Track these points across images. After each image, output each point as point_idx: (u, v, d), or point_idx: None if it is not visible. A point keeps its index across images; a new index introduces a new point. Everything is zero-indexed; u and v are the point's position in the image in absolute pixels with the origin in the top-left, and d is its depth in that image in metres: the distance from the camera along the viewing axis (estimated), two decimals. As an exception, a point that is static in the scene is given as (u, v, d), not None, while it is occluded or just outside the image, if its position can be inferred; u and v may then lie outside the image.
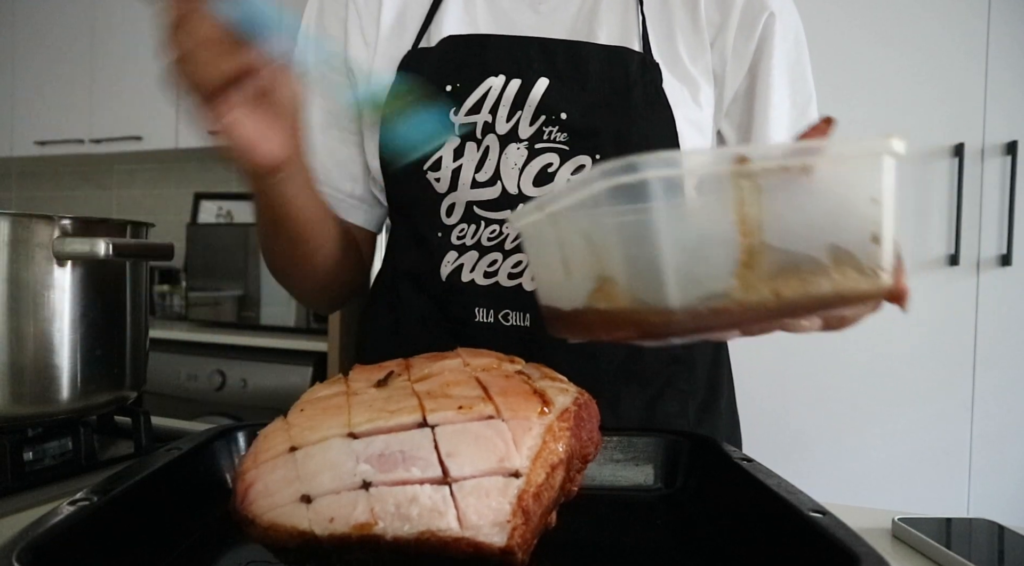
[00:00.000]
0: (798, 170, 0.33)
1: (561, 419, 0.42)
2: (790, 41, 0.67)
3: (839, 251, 0.34)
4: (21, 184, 3.38)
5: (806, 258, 0.34)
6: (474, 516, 0.35)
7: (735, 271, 0.33)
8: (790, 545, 0.39)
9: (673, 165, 0.32)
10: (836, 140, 0.35)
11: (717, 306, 0.33)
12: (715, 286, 0.33)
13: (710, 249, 0.33)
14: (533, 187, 0.63)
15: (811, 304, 0.34)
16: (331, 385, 0.49)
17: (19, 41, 2.85)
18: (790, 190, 0.33)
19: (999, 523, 0.53)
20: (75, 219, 0.62)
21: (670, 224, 0.32)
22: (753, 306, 0.33)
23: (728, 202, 0.33)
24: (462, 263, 0.65)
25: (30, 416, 0.62)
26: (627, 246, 0.34)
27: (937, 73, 1.54)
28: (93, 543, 0.38)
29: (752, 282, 0.33)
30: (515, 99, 0.62)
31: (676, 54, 0.65)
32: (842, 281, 0.34)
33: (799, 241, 0.34)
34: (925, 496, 1.54)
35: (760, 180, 0.33)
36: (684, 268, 0.33)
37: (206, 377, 2.12)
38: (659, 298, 0.33)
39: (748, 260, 0.33)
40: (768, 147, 0.35)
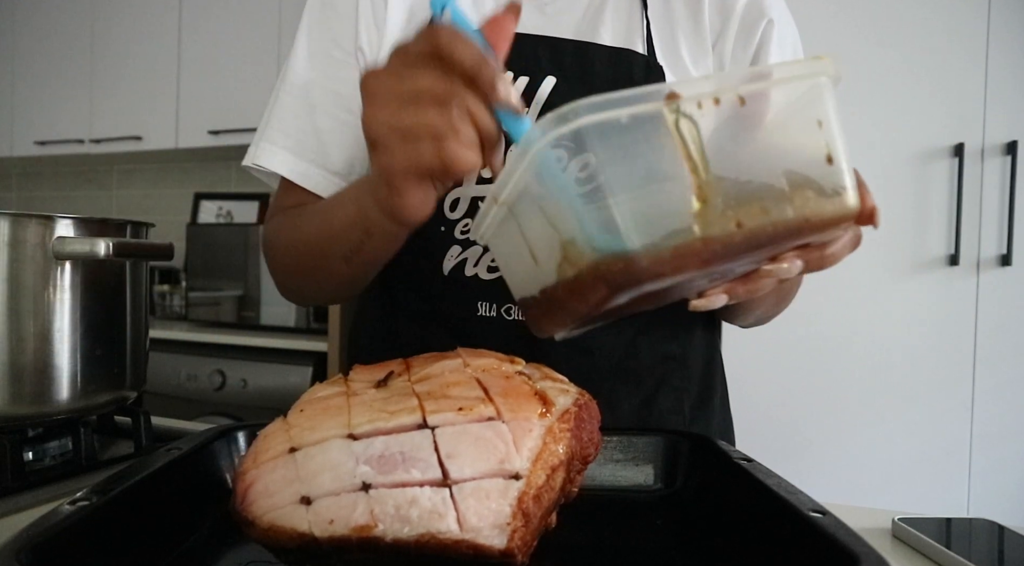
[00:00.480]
0: (733, 101, 0.33)
1: (562, 420, 0.42)
2: (787, 48, 0.68)
3: (795, 176, 0.34)
4: (21, 184, 3.38)
5: (763, 186, 0.34)
6: (474, 518, 0.35)
7: (692, 208, 0.33)
8: (790, 545, 0.39)
9: (605, 108, 0.32)
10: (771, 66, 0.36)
11: (680, 244, 0.32)
12: (673, 223, 0.32)
13: (660, 188, 0.33)
14: None
15: (778, 233, 0.34)
16: (331, 385, 0.49)
17: (19, 41, 2.85)
18: (731, 122, 0.33)
19: (999, 523, 0.53)
20: (75, 219, 0.62)
21: (614, 169, 0.32)
22: (717, 240, 0.33)
23: (666, 139, 0.32)
24: (466, 258, 0.65)
25: (30, 416, 0.62)
26: (576, 201, 0.33)
27: (937, 73, 1.54)
28: (93, 543, 0.38)
29: (711, 216, 0.33)
30: (523, 96, 0.62)
31: (679, 56, 0.66)
32: (804, 204, 0.34)
33: (751, 171, 0.33)
34: (925, 496, 1.54)
35: (695, 114, 0.32)
36: (637, 209, 0.32)
37: (206, 377, 2.12)
38: (618, 244, 0.32)
39: (702, 195, 0.33)
40: (698, 80, 0.35)
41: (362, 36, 0.68)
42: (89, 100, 2.72)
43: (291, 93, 0.70)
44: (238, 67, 2.46)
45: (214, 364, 2.12)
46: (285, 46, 2.39)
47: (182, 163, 2.95)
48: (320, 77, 0.69)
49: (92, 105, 2.72)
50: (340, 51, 0.69)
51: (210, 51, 2.52)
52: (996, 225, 1.51)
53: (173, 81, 2.58)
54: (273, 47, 2.41)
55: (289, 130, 0.69)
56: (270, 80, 2.40)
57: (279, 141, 0.69)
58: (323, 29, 0.69)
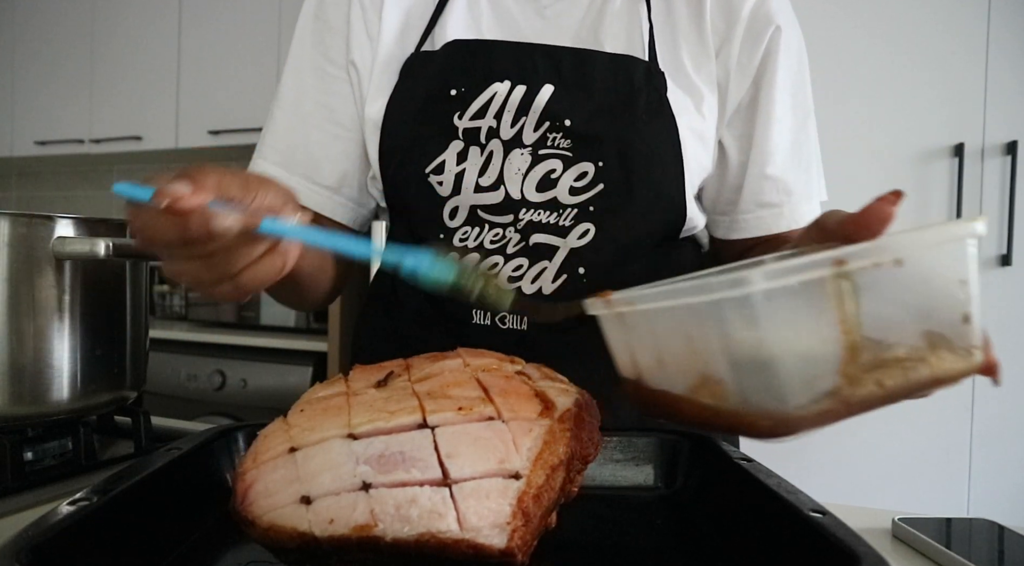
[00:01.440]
0: (890, 264, 0.34)
1: (561, 420, 0.42)
2: (793, 55, 0.67)
3: (934, 335, 0.35)
4: (21, 184, 3.38)
5: (905, 346, 0.35)
6: (474, 518, 0.35)
7: (839, 368, 0.33)
8: (790, 545, 0.39)
9: (779, 276, 0.33)
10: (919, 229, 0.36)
11: (825, 408, 0.33)
12: (823, 385, 0.33)
13: (817, 349, 0.33)
14: (536, 192, 0.63)
15: (910, 390, 0.35)
16: (331, 385, 0.49)
17: (19, 41, 2.85)
18: (883, 283, 0.34)
19: (999, 523, 0.53)
20: (75, 219, 0.62)
21: (778, 333, 0.33)
22: (859, 400, 0.34)
23: (829, 303, 0.33)
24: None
25: (30, 416, 0.62)
26: (736, 354, 0.34)
27: (937, 73, 1.54)
28: (93, 543, 0.38)
29: (857, 376, 0.34)
30: (520, 105, 0.63)
31: (680, 63, 0.65)
32: (939, 364, 0.35)
33: (896, 331, 0.34)
34: (925, 496, 1.54)
35: (856, 278, 0.33)
36: (795, 371, 0.33)
37: (206, 377, 2.12)
38: (772, 402, 0.34)
39: (851, 357, 0.33)
40: (858, 248, 0.34)
41: (354, 50, 0.68)
42: (89, 100, 2.72)
43: (283, 108, 0.71)
44: (238, 67, 2.46)
45: (214, 364, 2.12)
46: (285, 46, 2.37)
47: (182, 163, 2.95)
48: (312, 91, 0.69)
49: (92, 105, 2.72)
50: (332, 65, 0.69)
51: (210, 51, 2.52)
52: (996, 225, 1.51)
53: (173, 81, 2.58)
54: (273, 47, 2.41)
55: (280, 145, 0.70)
56: (270, 80, 2.40)
57: (270, 157, 0.70)
58: (315, 42, 0.70)
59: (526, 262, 0.64)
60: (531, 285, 0.64)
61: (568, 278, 0.64)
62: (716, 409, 0.36)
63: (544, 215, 0.63)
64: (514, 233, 0.64)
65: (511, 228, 0.64)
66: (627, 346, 0.43)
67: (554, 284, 0.64)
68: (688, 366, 0.37)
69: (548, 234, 0.64)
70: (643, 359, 0.41)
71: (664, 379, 0.40)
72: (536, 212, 0.63)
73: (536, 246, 0.64)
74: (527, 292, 0.64)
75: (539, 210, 0.63)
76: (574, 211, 0.63)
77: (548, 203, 0.63)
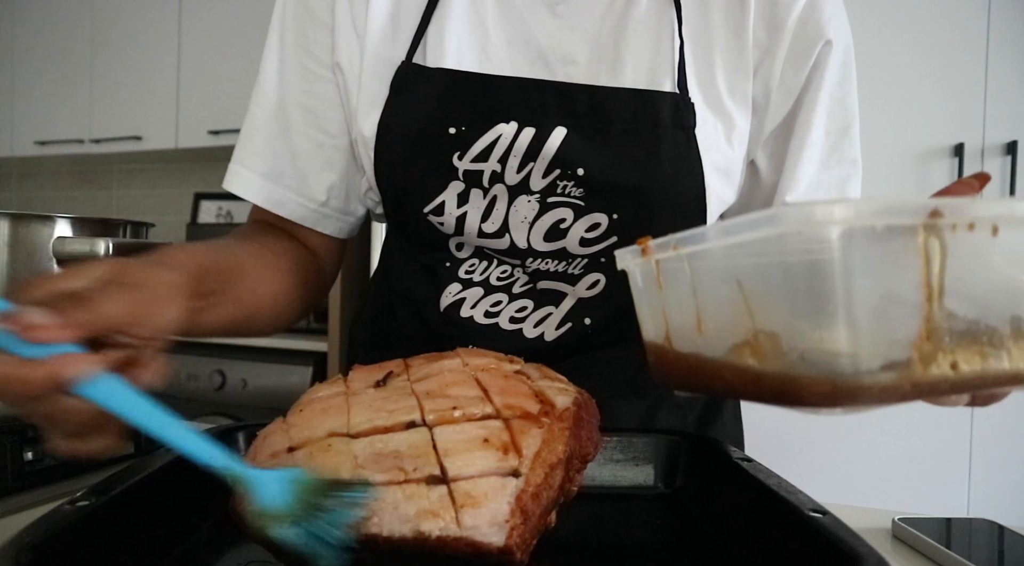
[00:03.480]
0: (986, 229, 0.30)
1: (560, 419, 0.42)
2: (838, 66, 0.61)
3: (1021, 323, 0.31)
4: (21, 184, 3.38)
5: (987, 329, 0.30)
6: (472, 516, 0.35)
7: (915, 339, 0.29)
8: (790, 545, 0.39)
9: (863, 214, 0.28)
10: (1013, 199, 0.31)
11: (890, 381, 0.29)
12: (892, 354, 0.29)
13: (893, 312, 0.29)
14: (544, 242, 0.58)
15: (985, 382, 0.31)
16: (331, 385, 0.49)
17: (19, 41, 2.85)
18: (975, 250, 0.30)
19: (999, 523, 0.53)
20: (75, 219, 0.62)
21: (855, 279, 0.28)
22: (927, 381, 0.29)
23: (916, 259, 0.29)
24: (464, 297, 0.61)
25: (30, 416, 0.61)
26: (800, 300, 0.29)
27: (937, 73, 1.54)
28: (93, 543, 0.38)
29: (931, 353, 0.29)
30: (528, 149, 0.56)
31: (713, 84, 0.59)
32: (1021, 357, 0.31)
33: (980, 309, 0.30)
34: (925, 496, 1.54)
35: (948, 237, 0.29)
36: (864, 332, 0.28)
37: (206, 377, 2.12)
38: (833, 362, 0.29)
39: (929, 327, 0.29)
40: (958, 201, 0.29)
41: (340, 50, 0.61)
42: (89, 100, 2.72)
43: (264, 108, 0.65)
44: (238, 67, 2.46)
45: (214, 364, 2.12)
46: (285, 46, 2.38)
47: (182, 163, 2.95)
48: (294, 91, 0.63)
49: (92, 105, 2.72)
50: (315, 62, 0.63)
51: (210, 51, 2.52)
52: (996, 225, 1.51)
53: (173, 81, 2.58)
54: (273, 47, 2.41)
55: (264, 154, 0.64)
56: (270, 80, 2.40)
57: (256, 166, 0.65)
58: (297, 34, 0.63)
59: (531, 304, 0.61)
60: (533, 329, 0.61)
61: (572, 326, 0.60)
62: (759, 372, 0.32)
63: (552, 264, 0.59)
64: (522, 274, 0.60)
65: (519, 269, 0.60)
66: (658, 304, 0.39)
67: (557, 332, 0.61)
68: (734, 320, 0.33)
69: (556, 281, 0.60)
70: (677, 317, 0.37)
71: (699, 340, 0.35)
72: (544, 261, 0.59)
73: (543, 291, 0.60)
74: (528, 336, 0.60)
75: (547, 259, 0.59)
76: (584, 261, 0.59)
77: (557, 252, 0.59)
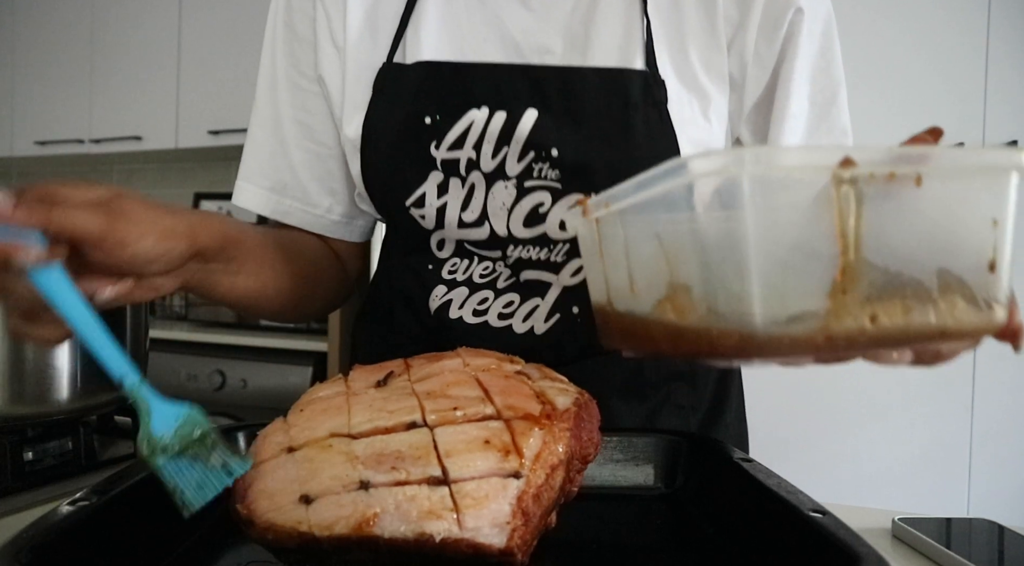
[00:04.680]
0: (908, 179, 0.29)
1: (561, 420, 0.42)
2: (816, 36, 0.61)
3: (949, 277, 0.30)
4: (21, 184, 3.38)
5: (911, 281, 0.29)
6: (473, 517, 0.35)
7: (829, 290, 0.29)
8: (790, 545, 0.39)
9: (770, 163, 0.28)
10: (953, 148, 0.30)
11: (802, 333, 0.28)
12: (804, 305, 0.29)
13: (803, 262, 0.29)
14: (524, 228, 0.59)
15: (908, 337, 0.30)
16: (331, 385, 0.49)
17: (19, 41, 2.85)
18: (896, 202, 0.29)
19: (999, 523, 0.53)
20: (75, 219, 0.62)
21: (761, 229, 0.28)
22: (843, 335, 0.29)
23: (827, 209, 0.28)
24: (451, 298, 0.62)
25: (30, 416, 0.62)
26: (708, 251, 0.30)
27: (937, 73, 1.54)
28: (93, 543, 0.38)
29: (847, 305, 0.29)
30: (501, 134, 0.57)
31: (686, 62, 0.59)
32: (949, 311, 0.30)
33: (903, 261, 0.29)
34: (925, 496, 1.54)
35: (864, 186, 0.28)
36: (773, 281, 0.28)
37: (206, 377, 2.12)
38: (740, 314, 0.29)
39: (845, 280, 0.29)
40: (875, 149, 0.29)
41: (322, 64, 0.64)
42: (89, 100, 2.72)
43: (262, 126, 0.68)
44: (238, 67, 2.46)
45: (214, 364, 2.12)
46: (285, 46, 2.38)
47: (182, 163, 2.95)
48: (288, 107, 0.67)
49: (92, 105, 2.72)
50: (304, 79, 0.66)
51: (210, 51, 2.52)
52: (996, 225, 1.51)
53: (173, 81, 2.58)
54: (273, 47, 2.41)
55: (266, 169, 0.68)
56: (270, 80, 2.40)
57: (260, 181, 0.69)
58: (286, 53, 0.66)
59: (517, 298, 0.61)
60: (523, 324, 0.61)
61: (561, 317, 0.60)
62: (678, 327, 0.32)
63: (534, 251, 0.59)
64: (504, 268, 0.61)
65: (500, 263, 0.60)
66: (599, 265, 0.40)
67: (546, 324, 0.60)
68: (656, 275, 0.34)
69: (539, 270, 0.60)
70: (614, 277, 0.38)
71: (632, 298, 0.36)
72: (525, 248, 0.59)
73: (527, 282, 0.60)
74: (518, 331, 0.60)
75: (528, 246, 0.59)
76: (566, 246, 0.59)
77: (537, 239, 0.59)
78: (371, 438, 0.40)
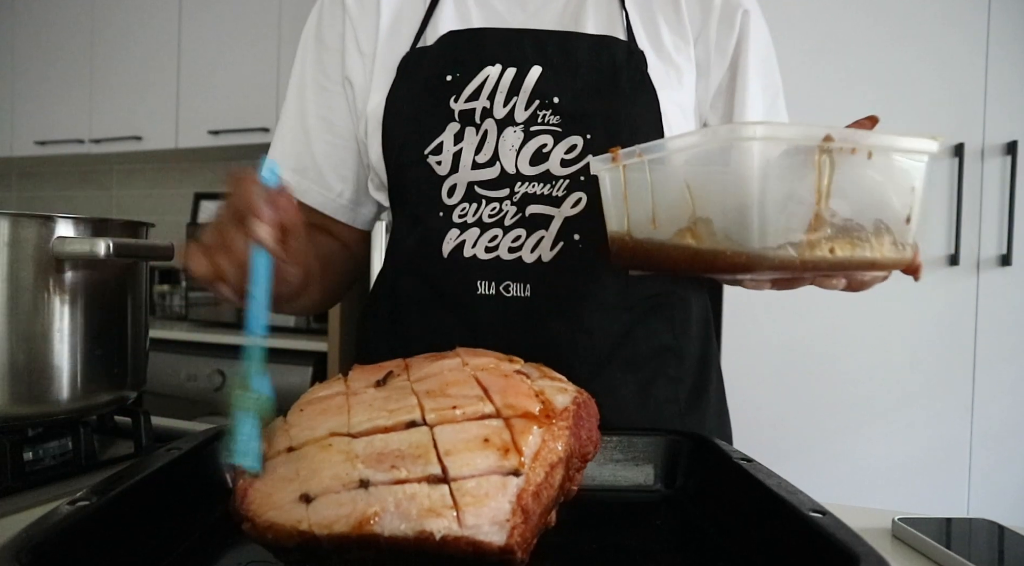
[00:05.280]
0: (864, 153, 0.41)
1: (560, 418, 0.42)
2: (762, 37, 0.74)
3: (882, 225, 0.43)
4: (21, 184, 3.38)
5: (857, 226, 0.42)
6: (473, 515, 0.35)
7: (807, 228, 0.40)
8: (790, 545, 0.39)
9: (776, 134, 0.40)
10: (894, 134, 0.42)
11: (787, 257, 0.41)
12: (790, 237, 0.40)
13: (791, 207, 0.40)
14: (530, 166, 0.68)
15: (852, 264, 0.42)
16: (331, 385, 0.49)
17: (19, 41, 2.85)
18: (855, 168, 0.41)
19: (999, 523, 0.53)
20: (75, 219, 0.62)
21: (766, 177, 0.40)
22: (812, 260, 0.41)
23: (811, 170, 0.40)
24: (464, 239, 0.69)
25: (30, 416, 0.62)
26: (727, 196, 0.42)
27: (937, 73, 1.54)
28: (93, 543, 0.38)
29: (816, 239, 0.40)
30: (511, 86, 0.67)
31: (661, 43, 0.71)
32: (879, 249, 0.43)
33: (853, 212, 0.41)
34: (925, 496, 1.54)
35: (836, 156, 0.40)
36: (772, 219, 0.40)
37: (206, 377, 2.12)
38: (749, 240, 0.40)
39: (817, 222, 0.41)
40: (845, 131, 0.41)
41: (349, 67, 0.75)
42: (89, 100, 2.72)
43: (289, 119, 0.79)
44: (238, 67, 2.46)
45: (214, 364, 2.12)
46: (285, 46, 2.39)
47: (182, 163, 2.96)
48: (313, 105, 0.77)
49: (92, 105, 2.72)
50: (329, 82, 0.77)
51: (210, 51, 2.52)
52: (996, 225, 1.50)
53: (173, 81, 2.58)
54: (273, 47, 2.41)
55: (290, 154, 0.78)
56: (270, 80, 2.40)
57: (285, 164, 0.77)
58: (315, 61, 0.78)
59: (524, 232, 0.68)
60: (531, 254, 0.68)
61: (565, 245, 0.67)
62: (696, 250, 0.44)
63: (538, 187, 0.68)
64: (511, 206, 0.68)
65: (507, 201, 0.68)
66: (622, 203, 0.50)
67: (552, 251, 0.67)
68: (680, 211, 0.44)
69: (543, 204, 0.68)
70: (636, 211, 0.49)
71: (652, 229, 0.47)
72: (531, 185, 0.68)
73: (532, 216, 0.68)
74: (527, 261, 0.68)
75: (533, 183, 0.68)
76: (566, 181, 0.67)
77: (541, 176, 0.68)
78: (371, 437, 0.40)
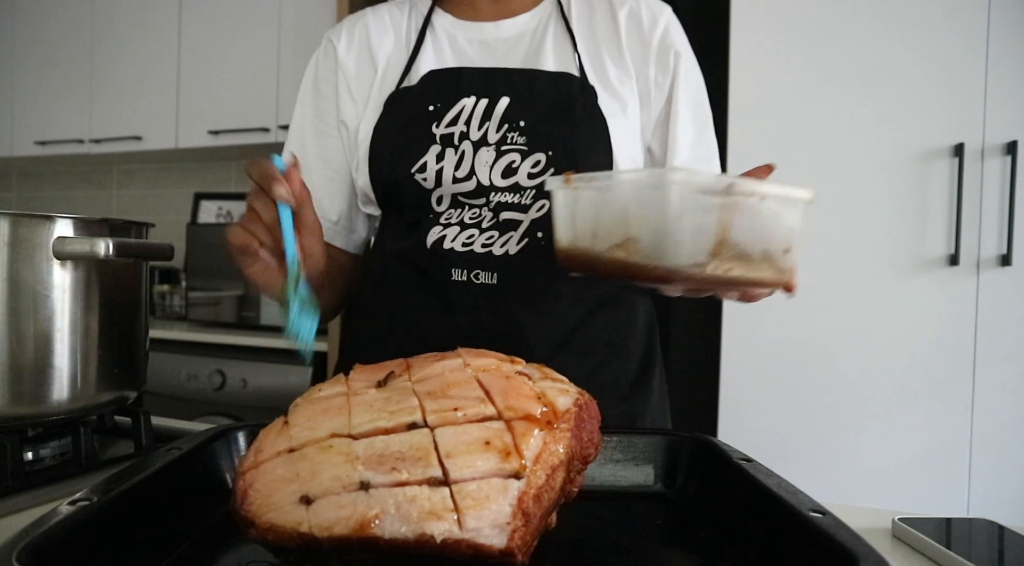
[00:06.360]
0: (758, 197, 0.51)
1: (562, 420, 0.42)
2: (692, 77, 0.87)
3: (767, 253, 0.52)
4: (21, 184, 3.38)
5: (748, 253, 0.51)
6: (474, 518, 0.35)
7: (710, 251, 0.50)
8: (790, 545, 0.39)
9: (691, 180, 0.49)
10: (780, 185, 0.52)
11: (694, 273, 0.50)
12: (697, 258, 0.49)
13: (699, 234, 0.49)
14: (501, 179, 0.79)
15: (743, 282, 0.52)
16: (331, 385, 0.49)
17: (19, 41, 2.85)
18: (751, 208, 0.51)
19: (999, 523, 0.53)
20: (75, 219, 0.62)
21: (683, 212, 0.49)
22: (712, 276, 0.50)
23: (717, 208, 0.49)
24: (445, 235, 0.80)
25: (30, 416, 0.62)
26: (653, 220, 0.50)
27: (937, 73, 1.54)
28: (93, 543, 0.38)
29: (717, 261, 0.50)
30: (484, 113, 0.80)
31: (608, 79, 0.83)
32: (764, 271, 0.53)
33: (747, 242, 0.51)
34: (925, 496, 1.54)
35: (737, 198, 0.50)
36: (684, 243, 0.49)
37: (206, 377, 2.12)
38: (668, 258, 0.49)
39: (717, 247, 0.50)
40: (743, 181, 0.51)
41: (343, 112, 0.87)
42: (89, 100, 2.72)
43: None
44: (238, 67, 2.46)
45: (214, 364, 2.12)
46: (285, 46, 2.39)
47: (182, 163, 2.95)
48: (312, 145, 0.90)
49: (92, 105, 2.72)
50: (325, 125, 0.89)
51: (210, 51, 2.52)
52: (996, 225, 1.50)
53: (173, 81, 2.58)
54: (273, 47, 2.41)
55: None
56: (270, 80, 2.40)
57: None
58: (313, 108, 0.90)
59: (497, 233, 0.80)
60: (500, 248, 0.79)
61: (529, 241, 0.79)
62: (626, 262, 0.52)
63: (509, 196, 0.79)
64: (487, 212, 0.80)
65: (484, 208, 0.80)
66: (571, 216, 0.59)
67: (518, 246, 0.79)
68: (616, 230, 0.53)
69: (513, 211, 0.79)
70: (580, 226, 0.58)
71: (593, 242, 0.56)
72: (503, 194, 0.79)
73: (505, 221, 0.80)
74: (497, 255, 0.80)
75: (505, 193, 0.79)
76: (532, 191, 0.79)
77: (512, 187, 0.79)
78: (371, 439, 0.40)
